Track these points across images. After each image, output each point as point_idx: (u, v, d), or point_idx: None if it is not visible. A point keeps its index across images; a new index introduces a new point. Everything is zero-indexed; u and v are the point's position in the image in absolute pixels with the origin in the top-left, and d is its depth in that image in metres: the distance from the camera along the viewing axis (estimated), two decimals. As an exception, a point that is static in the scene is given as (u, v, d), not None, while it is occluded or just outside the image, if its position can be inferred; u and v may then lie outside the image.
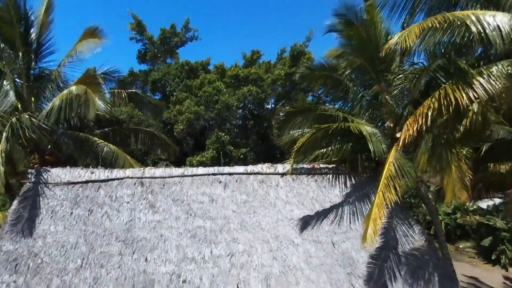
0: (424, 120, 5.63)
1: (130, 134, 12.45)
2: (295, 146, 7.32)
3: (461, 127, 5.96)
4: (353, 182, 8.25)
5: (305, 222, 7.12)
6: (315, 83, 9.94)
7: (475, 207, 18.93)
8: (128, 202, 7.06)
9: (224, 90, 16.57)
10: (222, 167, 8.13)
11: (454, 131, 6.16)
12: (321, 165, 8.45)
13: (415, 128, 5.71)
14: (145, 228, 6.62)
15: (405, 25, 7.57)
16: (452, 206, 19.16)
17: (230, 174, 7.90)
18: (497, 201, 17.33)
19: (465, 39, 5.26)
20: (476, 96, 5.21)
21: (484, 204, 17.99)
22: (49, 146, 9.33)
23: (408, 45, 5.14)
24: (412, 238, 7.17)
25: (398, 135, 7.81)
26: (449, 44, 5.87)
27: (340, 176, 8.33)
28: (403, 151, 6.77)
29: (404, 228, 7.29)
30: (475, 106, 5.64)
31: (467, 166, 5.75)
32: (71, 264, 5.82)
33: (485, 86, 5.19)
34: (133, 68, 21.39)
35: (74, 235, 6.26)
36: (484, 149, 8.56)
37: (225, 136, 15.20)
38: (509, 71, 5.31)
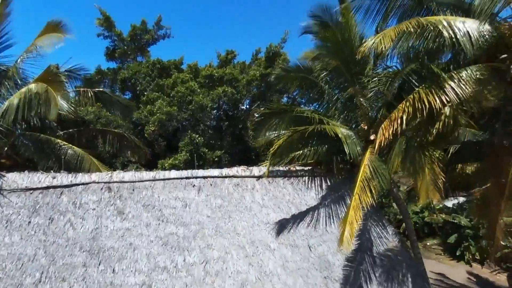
0: (399, 123, 5.75)
1: (97, 135, 11.83)
2: (271, 149, 7.24)
3: (434, 130, 6.16)
4: (329, 184, 8.31)
5: (282, 226, 7.05)
6: (291, 85, 9.94)
7: (441, 205, 19.88)
8: (94, 209, 6.62)
9: (198, 90, 16.22)
10: (196, 170, 7.88)
11: (427, 134, 6.36)
12: (297, 167, 8.45)
13: (390, 132, 5.82)
14: (113, 236, 6.23)
15: (378, 29, 7.74)
16: (420, 205, 20.00)
17: (204, 177, 7.67)
18: (461, 199, 18.33)
19: (438, 43, 5.42)
20: (448, 100, 5.39)
21: (449, 203, 18.94)
22: (6, 149, 8.62)
23: (384, 48, 5.22)
24: (386, 239, 7.32)
25: (372, 137, 7.96)
26: (422, 48, 6.04)
27: (316, 178, 8.37)
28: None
29: (378, 230, 7.43)
30: (447, 110, 5.84)
31: (439, 169, 5.95)
32: (28, 279, 5.33)
33: (456, 90, 5.38)
34: (100, 65, 20.44)
35: (32, 246, 5.75)
36: (451, 151, 8.96)
37: (199, 138, 14.83)
38: (477, 76, 5.54)
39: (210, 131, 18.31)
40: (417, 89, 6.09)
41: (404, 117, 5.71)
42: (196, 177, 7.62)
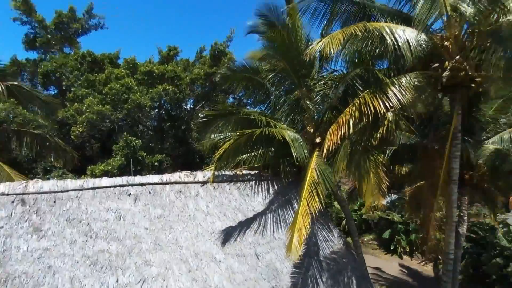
0: (347, 128, 5.83)
1: (11, 137, 10.19)
2: (217, 153, 6.85)
3: (378, 134, 6.40)
4: (276, 188, 8.18)
5: (228, 235, 6.70)
6: (237, 85, 9.66)
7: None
8: (2, 227, 5.53)
9: (136, 87, 15.03)
10: (132, 177, 7.12)
11: (371, 138, 6.59)
12: (244, 172, 8.18)
13: (338, 136, 5.86)
14: (26, 259, 5.25)
15: (324, 32, 7.86)
16: (358, 203, 21.31)
17: (142, 184, 6.97)
18: (394, 197, 19.97)
19: (381, 49, 5.60)
20: (391, 105, 5.61)
21: (384, 201, 20.46)
22: None
23: (332, 51, 5.22)
24: (331, 242, 7.42)
25: (317, 140, 8.06)
26: (367, 53, 6.22)
27: (263, 183, 8.18)
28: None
29: (324, 233, 7.50)
30: (389, 115, 6.10)
31: (383, 173, 6.18)
32: None
33: (398, 96, 5.63)
34: (16, 55, 17.87)
35: None
36: (388, 153, 9.56)
37: (137, 141, 13.63)
38: (415, 83, 5.87)
39: (150, 132, 17.17)
40: (362, 93, 6.26)
41: (352, 122, 5.80)
42: (133, 185, 6.88)
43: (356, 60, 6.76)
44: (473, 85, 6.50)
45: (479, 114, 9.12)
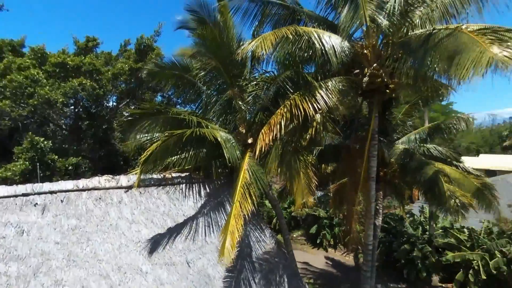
0: (278, 129, 5.92)
1: None
2: (143, 155, 6.34)
3: (307, 135, 6.67)
4: (208, 190, 7.96)
5: (156, 243, 6.26)
6: (166, 83, 9.15)
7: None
8: None
9: (44, 81, 13.15)
10: (39, 184, 6.18)
11: (301, 139, 6.84)
12: (174, 174, 7.76)
13: (270, 137, 5.92)
14: None
15: (255, 33, 7.92)
16: (288, 201, 22.25)
17: (52, 192, 6.09)
18: (320, 194, 21.33)
19: (310, 53, 5.84)
20: (320, 108, 5.89)
21: (312, 199, 21.73)
22: None
23: (264, 51, 5.24)
24: (264, 243, 7.50)
25: (250, 140, 8.08)
26: (297, 56, 6.43)
27: (194, 185, 7.89)
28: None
29: (257, 234, 7.55)
30: (318, 117, 6.40)
31: (312, 173, 6.46)
32: None
33: (325, 98, 5.94)
34: None
35: None
36: (315, 153, 10.13)
37: (45, 142, 11.86)
38: (340, 87, 6.28)
39: (64, 132, 15.26)
40: (292, 95, 6.44)
41: (283, 123, 5.92)
42: (40, 193, 5.97)
43: (287, 62, 6.97)
44: (387, 91, 7.24)
45: (391, 117, 10.26)
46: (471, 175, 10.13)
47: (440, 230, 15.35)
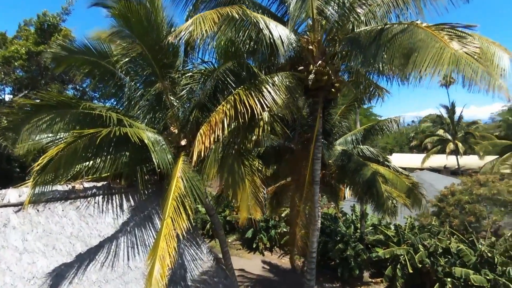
0: (221, 128, 5.07)
1: None
2: (38, 162, 4.89)
3: (252, 136, 5.97)
4: (132, 202, 6.73)
5: (59, 277, 4.87)
6: (77, 71, 7.55)
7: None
8: None
9: None
10: None
11: (245, 140, 6.10)
12: (86, 185, 6.34)
13: (212, 139, 5.05)
14: None
15: (189, 18, 6.95)
16: (223, 204, 21.45)
17: None
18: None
19: (257, 41, 5.15)
20: (267, 104, 5.23)
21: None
22: None
23: (204, 33, 4.36)
24: (200, 261, 6.60)
25: (183, 142, 7.11)
26: (240, 44, 5.67)
27: (114, 197, 6.57)
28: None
29: (192, 251, 6.60)
30: (265, 115, 5.75)
31: (260, 180, 5.77)
32: None
33: (273, 94, 5.31)
34: None
35: None
36: (254, 154, 9.54)
37: None
38: (287, 83, 5.72)
39: None
40: (235, 90, 5.67)
41: (226, 122, 5.09)
42: None
43: (230, 51, 6.16)
44: (333, 90, 6.96)
45: (330, 118, 10.23)
46: (402, 174, 10.69)
47: (370, 228, 16.21)
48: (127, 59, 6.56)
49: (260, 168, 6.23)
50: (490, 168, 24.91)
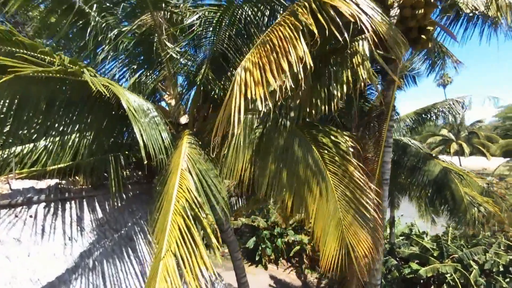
0: (296, 58, 2.48)
1: None
2: None
3: (343, 86, 3.43)
4: (99, 215, 4.13)
5: None
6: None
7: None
8: None
9: None
10: None
11: (323, 95, 3.56)
12: (16, 184, 3.73)
13: (275, 80, 2.43)
14: None
15: None
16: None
17: None
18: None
19: None
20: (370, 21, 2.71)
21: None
22: None
23: None
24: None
25: (183, 119, 4.64)
26: None
27: (66, 205, 3.96)
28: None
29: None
30: (364, 45, 3.23)
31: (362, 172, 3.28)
32: None
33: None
34: None
35: None
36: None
37: None
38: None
39: None
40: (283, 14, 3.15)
41: (303, 41, 2.54)
42: None
43: None
44: (423, 36, 4.54)
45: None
46: (470, 172, 8.32)
47: (401, 238, 13.91)
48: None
49: (354, 145, 3.46)
50: (507, 169, 23.42)
